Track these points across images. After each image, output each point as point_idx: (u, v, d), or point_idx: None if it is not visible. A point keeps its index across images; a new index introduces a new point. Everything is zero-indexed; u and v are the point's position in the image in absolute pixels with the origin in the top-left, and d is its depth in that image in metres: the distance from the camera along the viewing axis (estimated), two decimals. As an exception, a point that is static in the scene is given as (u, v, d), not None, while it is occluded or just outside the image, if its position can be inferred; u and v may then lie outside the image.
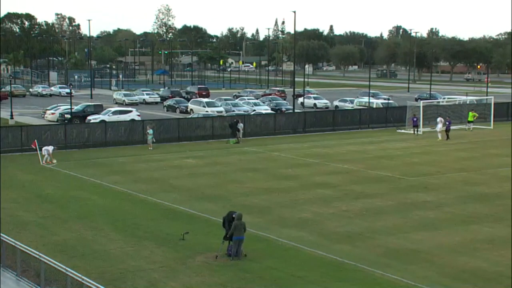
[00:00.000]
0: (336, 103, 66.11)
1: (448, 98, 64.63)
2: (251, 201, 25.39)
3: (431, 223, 22.22)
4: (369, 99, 61.14)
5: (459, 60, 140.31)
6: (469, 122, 48.33)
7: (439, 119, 44.29)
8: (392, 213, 23.55)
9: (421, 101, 52.61)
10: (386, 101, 63.22)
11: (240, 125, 42.63)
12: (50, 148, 33.72)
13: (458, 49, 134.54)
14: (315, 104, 67.05)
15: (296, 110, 55.68)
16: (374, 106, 58.86)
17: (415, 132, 45.65)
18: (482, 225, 21.96)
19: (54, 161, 33.47)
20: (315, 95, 72.65)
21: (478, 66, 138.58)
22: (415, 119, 45.97)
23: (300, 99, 68.00)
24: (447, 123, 44.37)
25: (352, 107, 61.41)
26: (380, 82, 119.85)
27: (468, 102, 57.65)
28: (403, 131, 48.05)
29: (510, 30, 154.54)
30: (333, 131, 48.00)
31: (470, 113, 48.76)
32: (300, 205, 24.78)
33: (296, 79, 63.86)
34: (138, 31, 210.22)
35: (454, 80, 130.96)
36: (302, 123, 47.65)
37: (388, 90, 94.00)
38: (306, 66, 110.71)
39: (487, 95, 63.77)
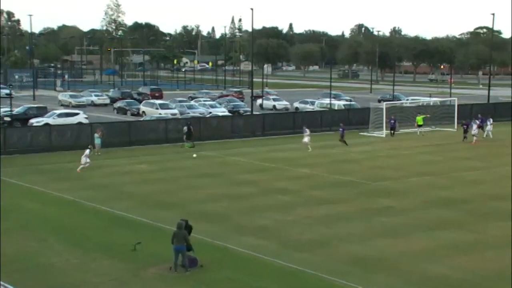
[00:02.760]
0: (296, 104, 66.53)
1: (412, 99, 66.07)
2: (208, 208, 25.32)
3: (395, 230, 22.61)
4: (330, 100, 61.85)
5: (422, 60, 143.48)
6: (419, 126, 48.06)
7: (305, 129, 40.61)
8: (355, 220, 23.86)
9: (384, 103, 53.47)
10: (348, 102, 64.07)
11: (185, 128, 42.07)
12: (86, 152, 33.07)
13: (421, 48, 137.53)
14: (274, 106, 67.34)
15: (254, 112, 55.82)
16: (336, 108, 59.57)
17: (392, 134, 46.45)
18: (447, 231, 22.45)
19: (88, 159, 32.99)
20: (274, 97, 72.93)
21: (442, 66, 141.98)
22: (392, 121, 46.68)
23: (259, 101, 68.22)
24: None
25: (313, 109, 61.96)
26: (342, 83, 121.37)
27: (431, 104, 58.98)
28: (366, 133, 48.78)
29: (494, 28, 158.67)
30: (294, 134, 48.23)
31: (419, 117, 47.92)
32: (259, 212, 24.83)
33: (254, 79, 64.07)
34: (85, 27, 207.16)
35: (418, 80, 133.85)
36: (261, 126, 47.76)
37: (350, 91, 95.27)
38: (265, 66, 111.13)
39: (450, 96, 65.45)
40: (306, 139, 40.17)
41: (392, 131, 46.75)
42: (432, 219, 24.08)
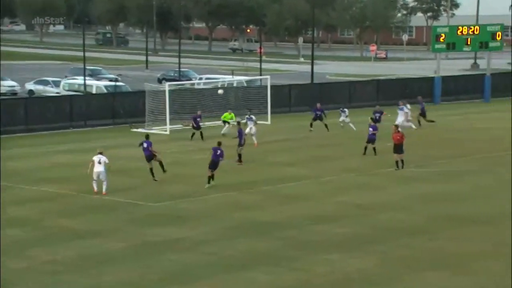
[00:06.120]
0: (30, 86, 66.07)
1: (207, 79, 67.99)
2: None
3: (188, 272, 23.04)
4: (84, 80, 61.34)
5: (220, 21, 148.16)
6: (224, 122, 48.40)
7: None
8: (126, 261, 23.97)
9: (167, 83, 54.30)
10: (113, 83, 64.14)
11: None
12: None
13: (218, 2, 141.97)
14: (-6, 89, 65.87)
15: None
16: (94, 92, 59.32)
17: (193, 136, 46.26)
18: (260, 270, 23.33)
19: None
20: (-8, 74, 71.28)
21: (248, 30, 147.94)
22: (198, 118, 46.82)
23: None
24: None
25: (57, 92, 61.44)
26: (103, 53, 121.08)
27: (235, 85, 61.18)
28: (141, 130, 49.14)
29: None
30: (28, 132, 47.37)
31: (227, 114, 48.86)
32: (-27, 257, 24.00)
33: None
34: None
35: (215, 51, 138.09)
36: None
37: (116, 65, 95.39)
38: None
39: (261, 74, 68.35)
40: None
41: (196, 131, 46.30)
42: (239, 254, 24.90)
